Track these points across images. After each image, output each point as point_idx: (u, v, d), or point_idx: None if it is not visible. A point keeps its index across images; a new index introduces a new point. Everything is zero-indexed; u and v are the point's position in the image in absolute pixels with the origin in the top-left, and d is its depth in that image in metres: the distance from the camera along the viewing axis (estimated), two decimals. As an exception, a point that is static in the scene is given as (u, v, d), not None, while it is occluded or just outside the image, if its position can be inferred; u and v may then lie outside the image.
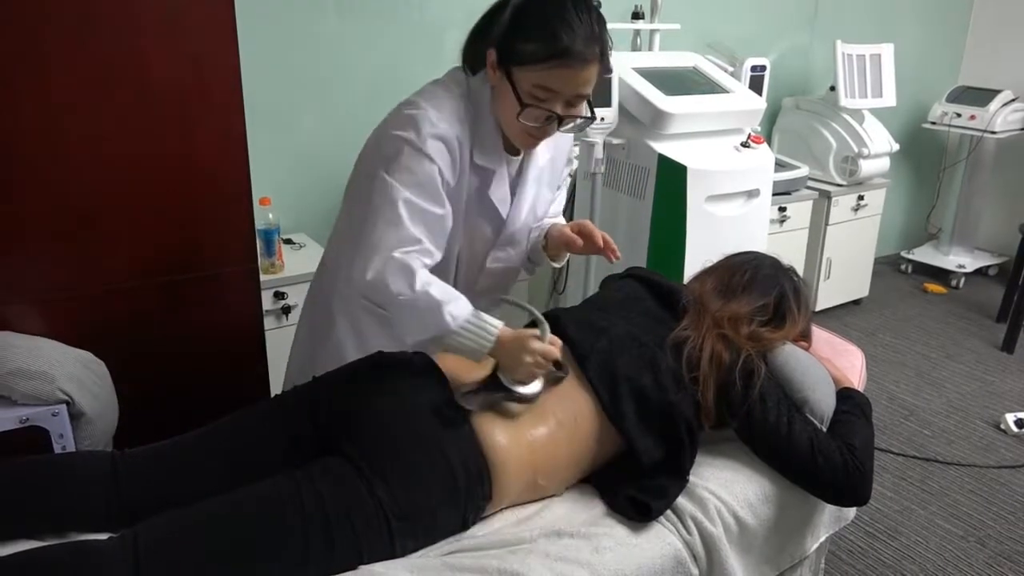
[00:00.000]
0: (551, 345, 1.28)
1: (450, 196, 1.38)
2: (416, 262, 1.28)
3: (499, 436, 1.26)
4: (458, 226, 1.46)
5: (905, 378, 3.27)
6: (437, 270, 1.36)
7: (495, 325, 1.28)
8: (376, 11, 2.71)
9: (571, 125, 1.41)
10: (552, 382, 1.34)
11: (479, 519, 1.28)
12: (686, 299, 1.50)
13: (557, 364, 1.31)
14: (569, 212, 2.60)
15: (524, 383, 1.28)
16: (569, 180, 1.84)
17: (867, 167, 3.68)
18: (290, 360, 1.74)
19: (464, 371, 1.35)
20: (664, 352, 1.39)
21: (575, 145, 2.55)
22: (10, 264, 1.67)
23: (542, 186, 1.59)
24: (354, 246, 1.34)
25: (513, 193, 1.53)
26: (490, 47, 1.36)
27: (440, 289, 1.27)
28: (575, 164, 2.52)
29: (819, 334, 1.81)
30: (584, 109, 1.39)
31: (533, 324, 1.45)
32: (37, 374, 1.52)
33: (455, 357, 1.35)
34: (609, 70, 1.38)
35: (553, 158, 1.59)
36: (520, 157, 1.52)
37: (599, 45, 1.32)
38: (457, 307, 1.27)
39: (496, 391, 1.28)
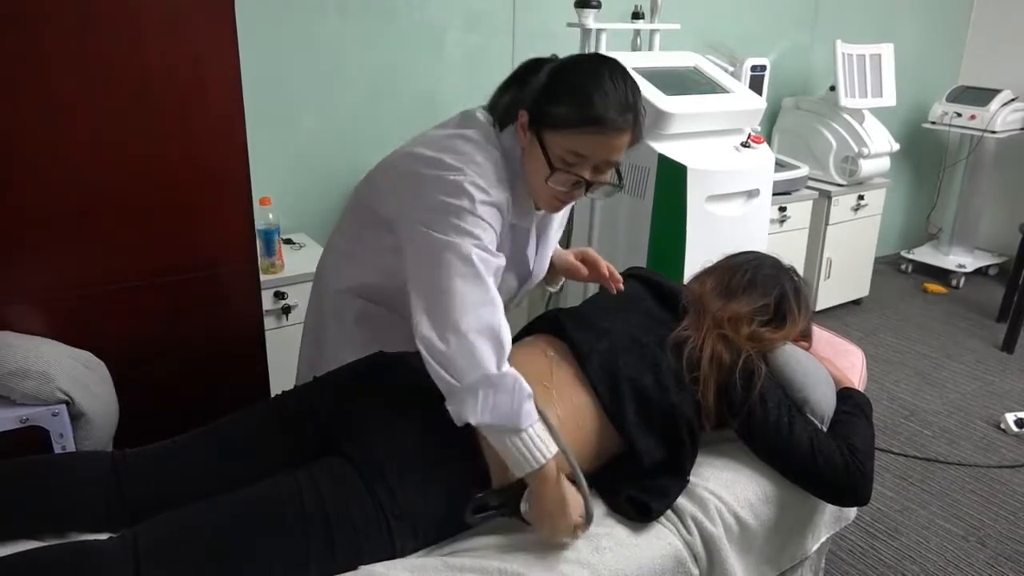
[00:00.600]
0: (585, 524, 1.21)
1: None
2: (505, 333, 1.20)
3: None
4: None
5: (905, 378, 3.27)
6: None
7: (550, 451, 1.18)
8: (376, 11, 2.71)
9: (598, 191, 1.39)
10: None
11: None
12: (686, 299, 1.50)
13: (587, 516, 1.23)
14: (569, 213, 2.60)
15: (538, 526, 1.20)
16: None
17: (867, 167, 3.67)
18: (299, 361, 1.74)
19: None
20: (665, 352, 1.39)
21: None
22: (10, 264, 1.66)
23: (557, 231, 1.61)
24: (420, 304, 1.23)
25: (538, 246, 1.54)
26: (521, 107, 1.34)
27: (524, 381, 1.18)
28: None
29: (819, 334, 1.81)
30: (613, 175, 1.37)
31: (533, 328, 1.43)
32: (37, 374, 1.52)
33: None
34: (640, 138, 1.35)
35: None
36: (542, 212, 1.50)
37: (632, 114, 1.30)
38: (532, 408, 1.18)
39: (507, 513, 1.21)
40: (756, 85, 2.95)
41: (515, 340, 1.57)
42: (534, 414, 1.18)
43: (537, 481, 1.18)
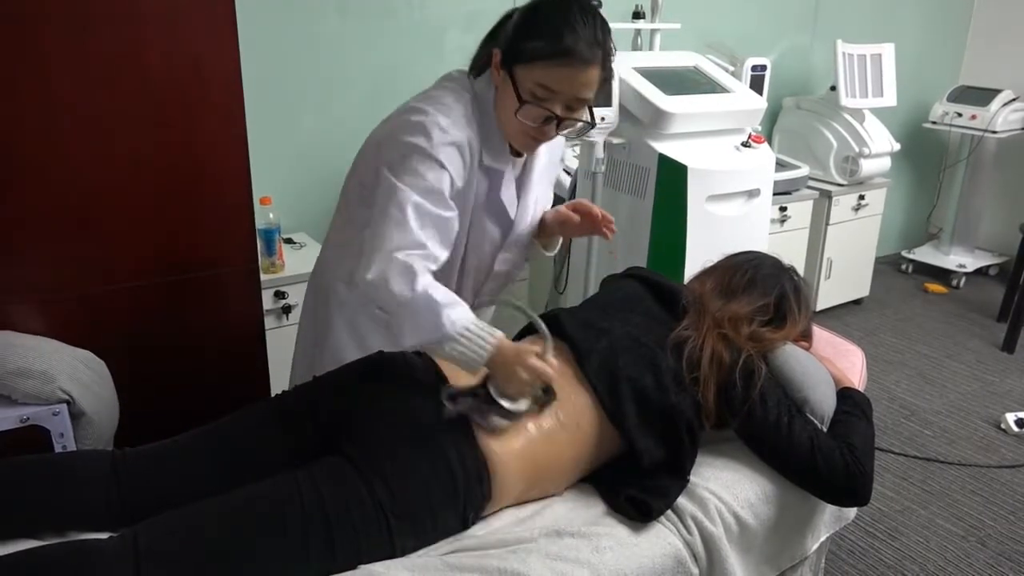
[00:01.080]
0: (549, 366, 1.24)
1: (459, 199, 1.39)
2: (419, 264, 1.26)
3: (500, 437, 1.25)
4: (463, 230, 1.47)
5: (906, 378, 3.27)
6: (441, 273, 1.35)
7: (494, 335, 1.24)
8: (376, 10, 2.71)
9: (570, 129, 1.42)
10: (539, 405, 1.29)
11: (479, 519, 1.28)
12: (686, 299, 1.50)
13: (547, 390, 1.27)
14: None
15: (512, 398, 1.24)
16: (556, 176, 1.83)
17: (868, 167, 3.67)
18: (294, 360, 1.74)
19: (459, 369, 1.35)
20: (665, 352, 1.39)
21: (575, 145, 2.55)
22: (11, 263, 1.67)
23: (542, 183, 1.61)
24: (358, 247, 1.33)
25: (519, 193, 1.55)
26: (497, 47, 1.38)
27: (442, 293, 1.25)
28: (565, 163, 2.54)
29: (820, 334, 1.81)
30: (584, 113, 1.39)
31: (531, 330, 1.45)
32: (38, 373, 1.52)
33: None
34: (610, 76, 1.39)
35: (550, 155, 1.61)
36: (523, 159, 1.53)
37: (601, 50, 1.33)
38: (457, 312, 1.23)
39: (481, 401, 1.24)
40: (757, 85, 2.95)
41: (515, 340, 1.57)
42: (459, 316, 1.22)
43: (494, 365, 1.23)
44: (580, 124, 1.41)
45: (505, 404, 1.23)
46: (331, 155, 2.76)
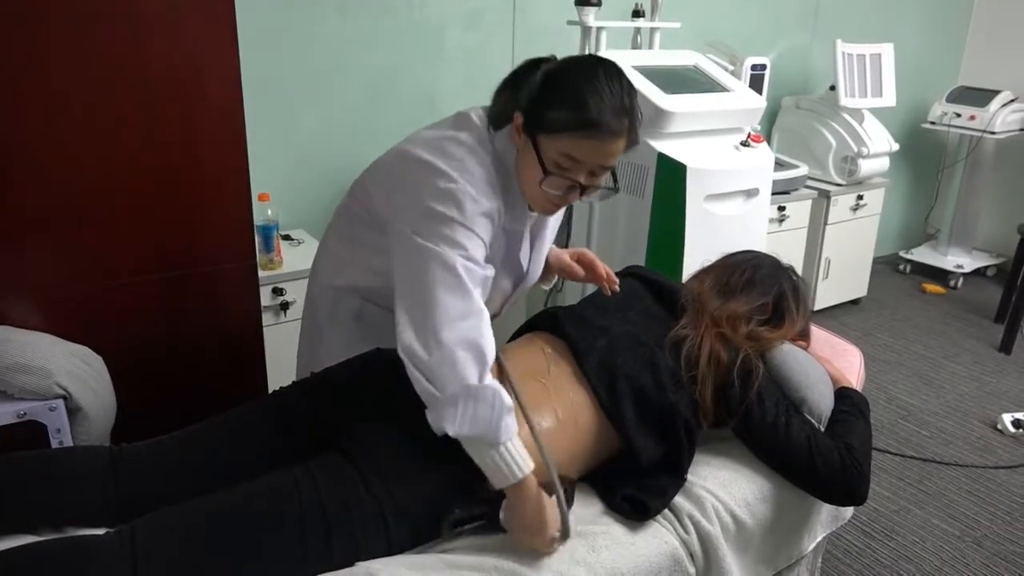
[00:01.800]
0: (561, 539, 1.20)
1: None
2: (487, 344, 1.19)
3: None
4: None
5: (903, 378, 3.27)
6: None
7: (528, 465, 1.17)
8: (376, 9, 2.71)
9: (593, 194, 1.37)
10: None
11: (477, 517, 1.28)
12: (685, 298, 1.50)
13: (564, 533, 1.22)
14: (568, 211, 2.60)
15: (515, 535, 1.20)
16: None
17: (866, 167, 3.68)
18: (298, 359, 1.74)
19: None
20: (663, 351, 1.39)
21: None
22: (9, 259, 1.66)
23: (551, 231, 1.60)
24: (404, 313, 1.22)
25: (532, 247, 1.52)
26: (517, 109, 1.32)
27: (505, 394, 1.17)
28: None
29: (817, 333, 1.81)
30: (608, 180, 1.36)
31: (529, 327, 1.43)
32: (35, 369, 1.52)
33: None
34: (636, 142, 1.33)
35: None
36: (536, 214, 1.49)
37: (628, 118, 1.28)
38: (512, 421, 1.17)
39: (486, 523, 1.21)
40: (756, 84, 2.95)
41: (513, 337, 1.57)
42: (513, 428, 1.16)
43: (515, 493, 1.17)
44: (602, 190, 1.36)
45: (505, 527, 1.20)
46: (330, 152, 2.76)
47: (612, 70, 1.29)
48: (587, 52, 2.33)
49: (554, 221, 1.57)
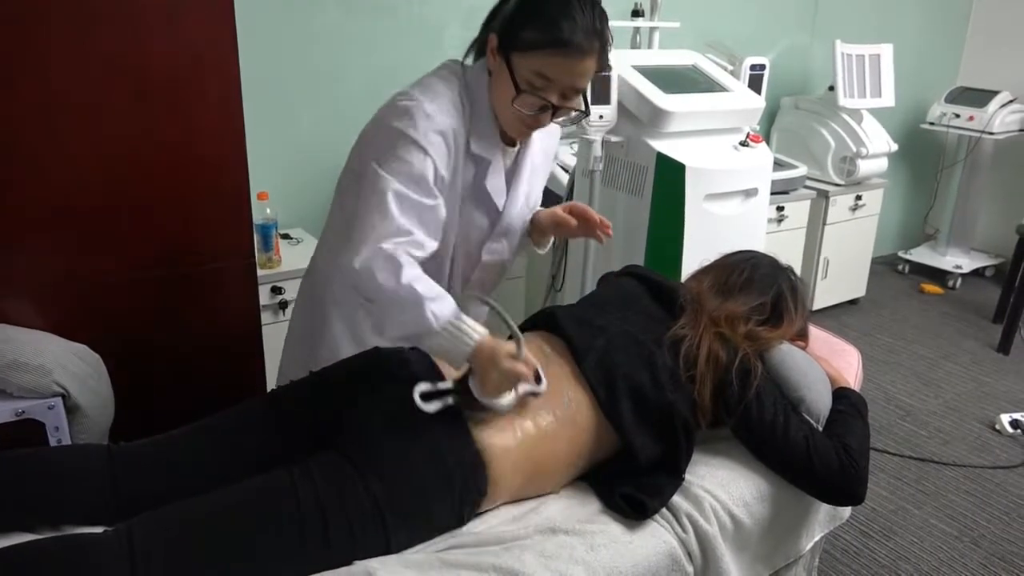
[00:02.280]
0: (525, 364, 1.22)
1: (445, 187, 1.40)
2: (404, 255, 1.26)
3: (495, 433, 1.25)
4: (453, 216, 1.46)
5: (901, 378, 3.27)
6: (433, 261, 1.39)
7: (477, 332, 1.23)
8: (376, 6, 2.71)
9: (564, 117, 1.42)
10: (527, 396, 1.28)
11: (474, 515, 1.28)
12: (683, 298, 1.50)
13: (537, 378, 1.26)
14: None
15: (491, 396, 1.22)
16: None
17: (865, 167, 3.68)
18: (283, 358, 1.73)
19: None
20: (661, 351, 1.39)
21: (573, 142, 2.55)
22: (7, 257, 1.66)
23: (536, 176, 1.60)
24: (346, 236, 1.33)
25: (509, 184, 1.54)
26: (492, 31, 1.38)
27: (426, 286, 1.25)
28: (560, 160, 2.54)
29: (816, 333, 1.81)
30: (579, 102, 1.40)
31: (529, 327, 1.45)
32: (33, 367, 1.52)
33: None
34: (607, 67, 1.39)
35: (545, 149, 1.60)
36: (516, 148, 1.53)
37: (599, 40, 1.33)
38: (440, 306, 1.23)
39: (460, 396, 1.23)
40: (755, 84, 2.94)
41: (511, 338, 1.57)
42: (444, 311, 1.23)
43: (476, 362, 1.22)
44: (575, 113, 1.41)
45: (485, 402, 1.22)
46: (329, 151, 2.74)
47: None
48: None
49: (533, 163, 1.57)
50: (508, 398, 1.24)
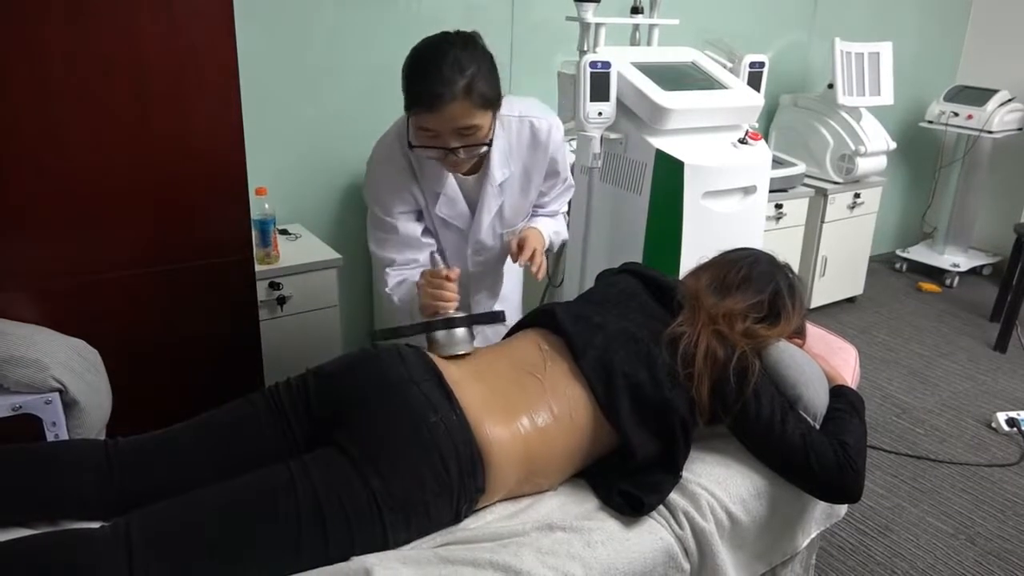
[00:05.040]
0: (444, 270, 1.52)
1: (409, 213, 1.71)
2: (390, 276, 1.72)
3: (494, 429, 1.26)
4: (435, 233, 1.76)
5: (898, 376, 3.28)
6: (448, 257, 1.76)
7: (402, 295, 1.65)
8: (374, 2, 2.70)
9: (473, 153, 1.56)
10: (485, 322, 1.55)
11: (472, 512, 1.28)
12: (681, 295, 1.50)
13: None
14: (567, 208, 2.60)
15: (438, 315, 1.49)
16: (565, 184, 1.98)
17: (864, 165, 3.68)
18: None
19: (452, 362, 1.37)
20: (659, 348, 1.40)
21: (572, 139, 2.55)
22: (4, 252, 1.66)
23: (512, 196, 1.78)
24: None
25: (476, 207, 1.75)
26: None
27: (400, 290, 1.69)
28: (565, 174, 2.58)
29: (813, 331, 1.81)
30: (480, 138, 1.52)
31: (526, 323, 1.52)
32: (30, 362, 1.51)
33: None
34: (487, 97, 1.49)
35: (528, 168, 1.77)
36: (476, 175, 1.71)
37: (462, 82, 1.44)
38: (403, 292, 1.68)
39: (412, 327, 1.48)
40: (754, 82, 2.93)
41: (511, 334, 1.57)
42: (395, 296, 1.69)
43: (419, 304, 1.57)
44: (482, 148, 1.55)
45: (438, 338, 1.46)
46: (328, 146, 2.75)
47: (434, 43, 1.48)
48: (585, 49, 2.33)
49: (497, 186, 1.74)
50: (463, 337, 1.46)
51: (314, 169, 2.75)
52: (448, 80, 1.43)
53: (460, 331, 1.47)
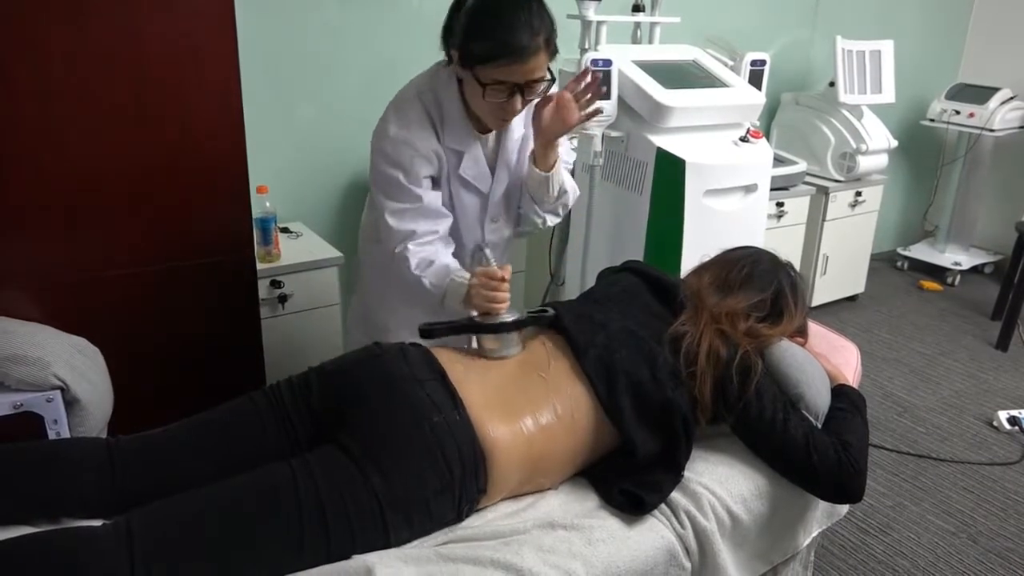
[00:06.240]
0: (498, 270, 1.51)
1: (428, 180, 1.66)
2: (411, 253, 1.64)
3: (496, 428, 1.26)
4: (447, 200, 1.72)
5: (900, 375, 3.28)
6: (453, 232, 1.73)
7: (464, 276, 1.56)
8: (375, 1, 2.70)
9: (533, 96, 1.58)
10: (532, 321, 1.48)
11: (474, 511, 1.28)
12: (683, 294, 1.50)
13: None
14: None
15: (491, 316, 1.47)
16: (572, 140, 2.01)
17: (865, 163, 3.67)
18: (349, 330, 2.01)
19: (456, 361, 1.36)
20: (662, 347, 1.39)
21: (573, 137, 2.55)
22: (6, 250, 1.66)
23: (525, 155, 1.77)
24: (376, 235, 1.72)
25: (494, 167, 1.74)
26: (453, 47, 1.54)
27: (430, 271, 1.63)
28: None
29: (815, 329, 1.81)
30: (541, 86, 1.56)
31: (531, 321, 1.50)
32: (32, 360, 1.51)
33: (450, 349, 1.38)
34: (555, 52, 1.56)
35: (523, 119, 1.75)
36: (494, 134, 1.72)
37: (541, 35, 1.49)
38: (427, 277, 1.62)
39: (462, 328, 1.46)
40: (755, 80, 2.93)
41: (518, 324, 1.57)
42: (427, 279, 1.62)
43: (457, 300, 1.58)
44: (542, 87, 1.57)
45: (489, 322, 1.45)
46: (329, 144, 2.75)
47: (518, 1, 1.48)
48: (587, 46, 2.33)
49: (516, 144, 1.76)
50: (510, 316, 1.46)
51: (315, 167, 2.75)
52: (533, 30, 1.47)
53: (512, 334, 1.45)
